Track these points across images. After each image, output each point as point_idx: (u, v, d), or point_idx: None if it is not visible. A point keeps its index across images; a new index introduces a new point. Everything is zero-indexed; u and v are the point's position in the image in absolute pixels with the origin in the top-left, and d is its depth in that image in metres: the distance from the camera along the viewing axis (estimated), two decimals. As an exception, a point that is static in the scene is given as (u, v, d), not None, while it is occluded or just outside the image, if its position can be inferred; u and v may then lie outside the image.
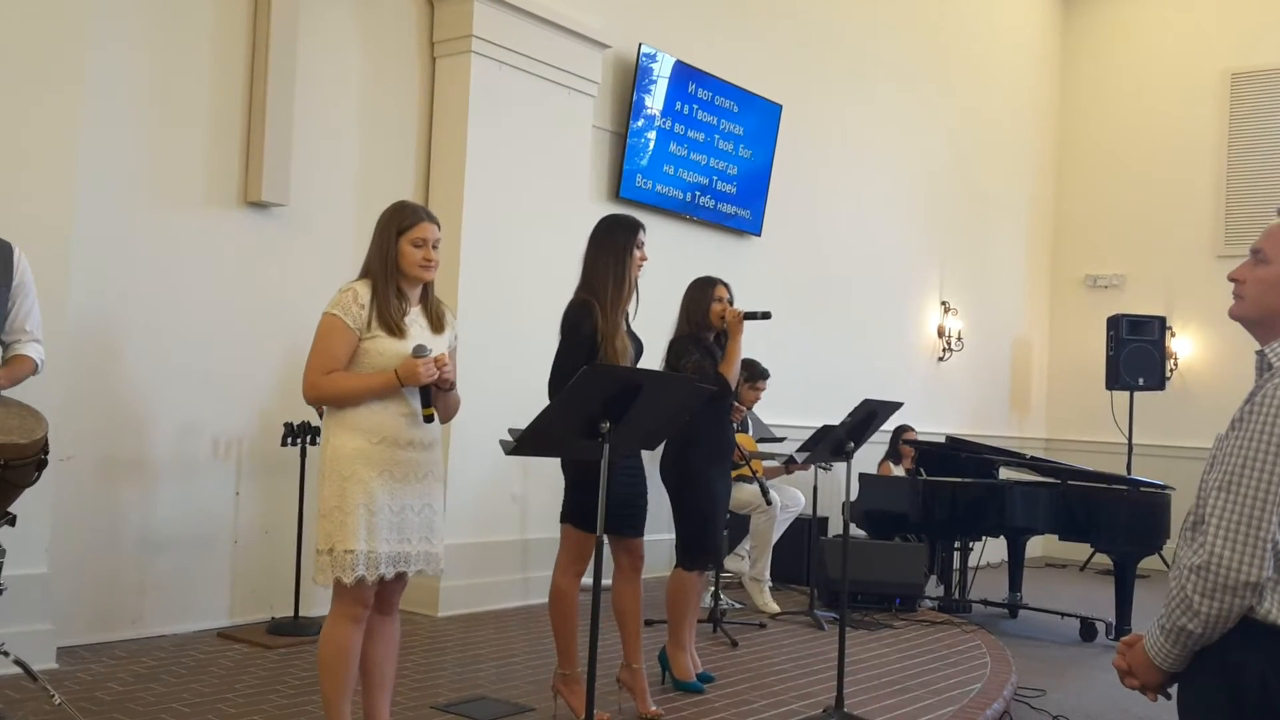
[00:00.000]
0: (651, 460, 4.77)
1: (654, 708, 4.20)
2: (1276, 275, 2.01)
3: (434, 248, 3.36)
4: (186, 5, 5.11)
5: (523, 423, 3.13)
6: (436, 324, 3.43)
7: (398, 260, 3.32)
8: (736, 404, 4.82)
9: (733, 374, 4.62)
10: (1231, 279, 2.10)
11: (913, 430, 8.22)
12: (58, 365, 4.18)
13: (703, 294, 4.73)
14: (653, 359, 4.60)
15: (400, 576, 3.34)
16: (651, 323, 4.53)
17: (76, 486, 4.67)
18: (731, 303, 4.74)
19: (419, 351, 3.26)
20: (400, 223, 3.35)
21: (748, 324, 4.70)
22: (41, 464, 3.48)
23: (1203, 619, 1.89)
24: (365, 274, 3.37)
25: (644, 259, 4.15)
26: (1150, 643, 1.98)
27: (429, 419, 3.31)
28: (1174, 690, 2.05)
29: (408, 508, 3.30)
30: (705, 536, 4.63)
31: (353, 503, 3.20)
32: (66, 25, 4.45)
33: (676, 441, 4.56)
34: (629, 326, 4.17)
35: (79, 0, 4.50)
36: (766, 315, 4.64)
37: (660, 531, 4.69)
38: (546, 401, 3.55)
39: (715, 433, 4.66)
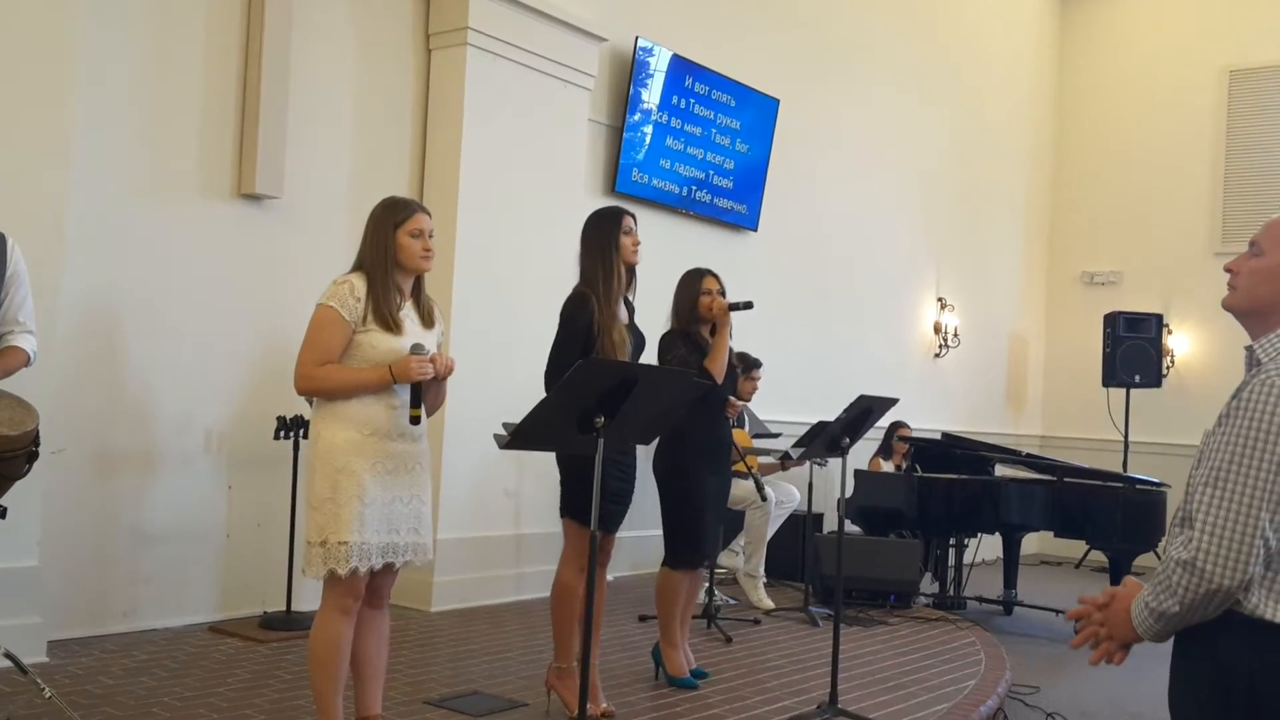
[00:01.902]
0: (645, 456, 4.76)
1: (605, 704, 4.14)
2: (1267, 267, 2.02)
3: (430, 237, 3.37)
4: (180, -5, 5.09)
5: (517, 417, 3.11)
6: (427, 319, 3.44)
7: (396, 254, 3.32)
8: (732, 399, 4.78)
9: (718, 368, 4.53)
10: (1227, 270, 2.11)
11: (907, 427, 8.21)
12: (50, 357, 4.16)
13: (691, 286, 4.68)
14: (653, 354, 4.59)
15: (390, 568, 3.33)
16: (646, 318, 4.50)
17: (68, 479, 4.65)
18: (723, 294, 4.70)
19: (417, 350, 3.25)
20: (396, 216, 3.36)
21: (740, 316, 4.67)
22: (33, 456, 3.46)
23: (1186, 608, 1.91)
24: (359, 268, 3.36)
25: (637, 244, 4.13)
26: (1137, 613, 1.99)
27: (415, 420, 3.30)
28: (1153, 680, 2.05)
29: (397, 499, 3.29)
30: (691, 535, 4.57)
31: (346, 495, 3.19)
32: (59, 15, 4.42)
33: (667, 437, 4.51)
34: (631, 320, 4.16)
35: (72, -10, 4.48)
36: (748, 305, 4.61)
37: (659, 527, 4.67)
38: (542, 395, 3.53)
39: (706, 429, 4.58)
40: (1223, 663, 1.91)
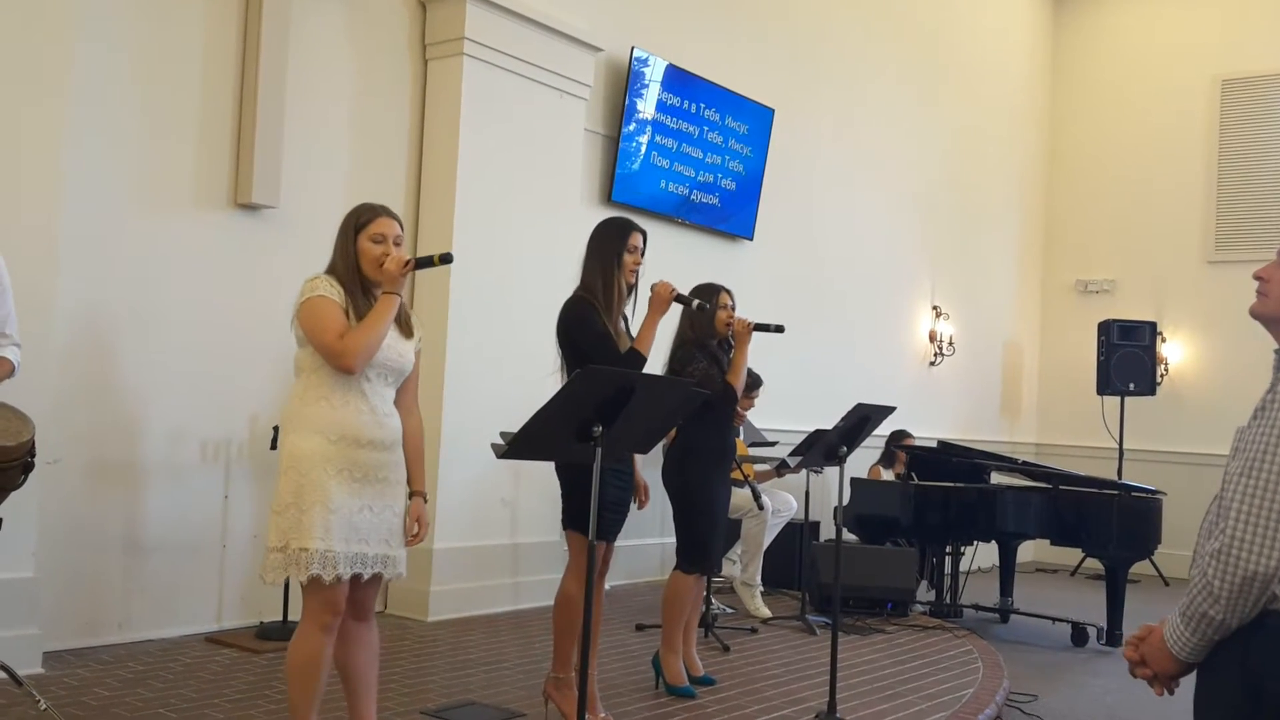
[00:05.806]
0: (653, 466, 4.76)
1: (603, 714, 4.13)
2: None
3: (395, 244, 3.28)
4: (176, 6, 5.09)
5: (512, 426, 3.11)
6: (405, 328, 3.35)
7: (357, 259, 3.26)
8: (738, 410, 4.85)
9: (740, 383, 4.65)
10: (1256, 277, 2.12)
11: (910, 436, 8.20)
12: (46, 368, 4.15)
13: (708, 301, 4.71)
14: (650, 364, 4.58)
15: (375, 579, 3.27)
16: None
17: (64, 490, 4.64)
18: (733, 310, 4.75)
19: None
20: (358, 219, 3.29)
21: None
22: (28, 467, 3.45)
23: (1224, 603, 1.89)
24: (330, 273, 3.30)
25: (638, 263, 4.11)
26: (1170, 631, 1.98)
27: (447, 258, 3.29)
28: (1180, 688, 2.05)
29: (366, 508, 3.21)
30: (707, 541, 4.66)
31: (309, 501, 3.12)
32: (53, 25, 4.42)
33: (679, 447, 4.64)
34: (627, 329, 4.16)
35: (65, 1, 4.47)
36: (780, 329, 4.66)
37: (655, 536, 4.67)
38: (538, 403, 3.53)
39: (719, 439, 4.70)
40: (1255, 670, 1.90)
